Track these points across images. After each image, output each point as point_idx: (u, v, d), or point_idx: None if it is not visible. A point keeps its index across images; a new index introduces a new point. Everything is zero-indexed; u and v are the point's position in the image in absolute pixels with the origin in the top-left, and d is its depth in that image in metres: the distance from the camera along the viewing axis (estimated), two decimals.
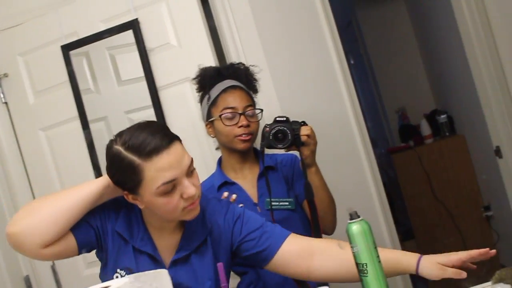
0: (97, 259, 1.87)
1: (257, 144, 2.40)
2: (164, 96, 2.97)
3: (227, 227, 1.89)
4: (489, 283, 1.62)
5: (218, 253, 1.87)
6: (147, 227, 1.84)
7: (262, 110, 2.39)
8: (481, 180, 4.44)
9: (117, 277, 1.79)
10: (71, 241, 1.74)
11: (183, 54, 2.95)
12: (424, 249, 4.59)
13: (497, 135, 3.51)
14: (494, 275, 1.62)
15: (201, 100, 2.42)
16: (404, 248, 4.44)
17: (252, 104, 2.37)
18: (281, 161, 2.42)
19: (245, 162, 2.39)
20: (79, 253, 1.79)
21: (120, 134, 1.71)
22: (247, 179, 2.37)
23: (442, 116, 4.80)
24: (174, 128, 1.76)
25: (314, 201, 2.24)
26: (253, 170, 2.40)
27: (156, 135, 1.65)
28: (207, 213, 1.89)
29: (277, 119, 2.27)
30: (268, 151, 2.28)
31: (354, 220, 1.60)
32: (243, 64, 2.46)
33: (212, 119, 2.34)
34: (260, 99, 2.68)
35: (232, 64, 2.49)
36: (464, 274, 1.60)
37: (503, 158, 3.51)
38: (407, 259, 1.72)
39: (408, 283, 3.03)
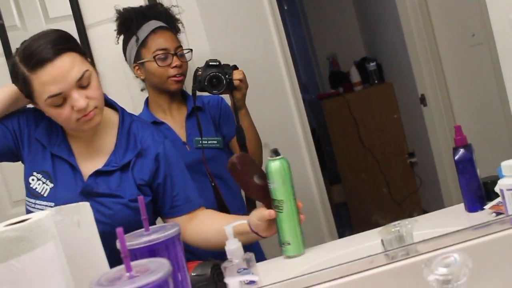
0: (24, 198, 1.86)
1: (186, 85, 2.41)
2: (93, 35, 2.89)
3: (152, 162, 1.87)
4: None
5: (136, 180, 1.85)
6: (65, 134, 1.84)
7: (191, 50, 2.41)
8: (407, 128, 4.55)
9: (33, 179, 1.79)
10: None
11: None
12: (350, 193, 4.73)
13: (422, 83, 3.59)
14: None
15: (125, 42, 2.39)
16: (332, 191, 4.57)
17: (181, 45, 2.37)
18: (208, 102, 2.44)
19: (173, 102, 2.41)
20: None
21: (22, 42, 1.72)
22: (175, 119, 2.39)
23: (372, 64, 4.82)
24: (102, 68, 1.74)
25: (246, 145, 2.27)
26: (181, 110, 2.41)
27: (46, 46, 1.64)
28: (141, 138, 1.87)
29: (210, 63, 2.28)
30: (198, 93, 2.30)
31: (274, 158, 1.64)
32: (162, 5, 2.46)
33: (143, 60, 2.32)
34: (190, 39, 2.66)
35: (153, 5, 2.50)
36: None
37: (428, 106, 3.60)
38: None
39: (330, 217, 3.07)
